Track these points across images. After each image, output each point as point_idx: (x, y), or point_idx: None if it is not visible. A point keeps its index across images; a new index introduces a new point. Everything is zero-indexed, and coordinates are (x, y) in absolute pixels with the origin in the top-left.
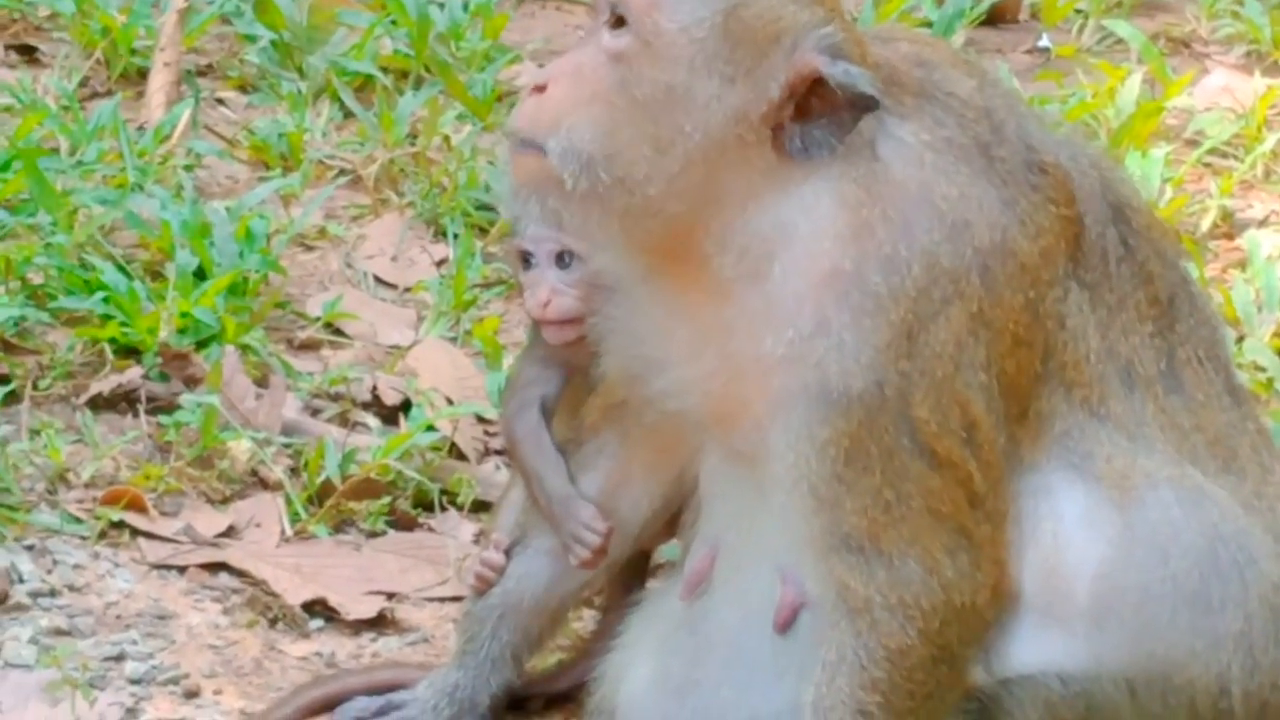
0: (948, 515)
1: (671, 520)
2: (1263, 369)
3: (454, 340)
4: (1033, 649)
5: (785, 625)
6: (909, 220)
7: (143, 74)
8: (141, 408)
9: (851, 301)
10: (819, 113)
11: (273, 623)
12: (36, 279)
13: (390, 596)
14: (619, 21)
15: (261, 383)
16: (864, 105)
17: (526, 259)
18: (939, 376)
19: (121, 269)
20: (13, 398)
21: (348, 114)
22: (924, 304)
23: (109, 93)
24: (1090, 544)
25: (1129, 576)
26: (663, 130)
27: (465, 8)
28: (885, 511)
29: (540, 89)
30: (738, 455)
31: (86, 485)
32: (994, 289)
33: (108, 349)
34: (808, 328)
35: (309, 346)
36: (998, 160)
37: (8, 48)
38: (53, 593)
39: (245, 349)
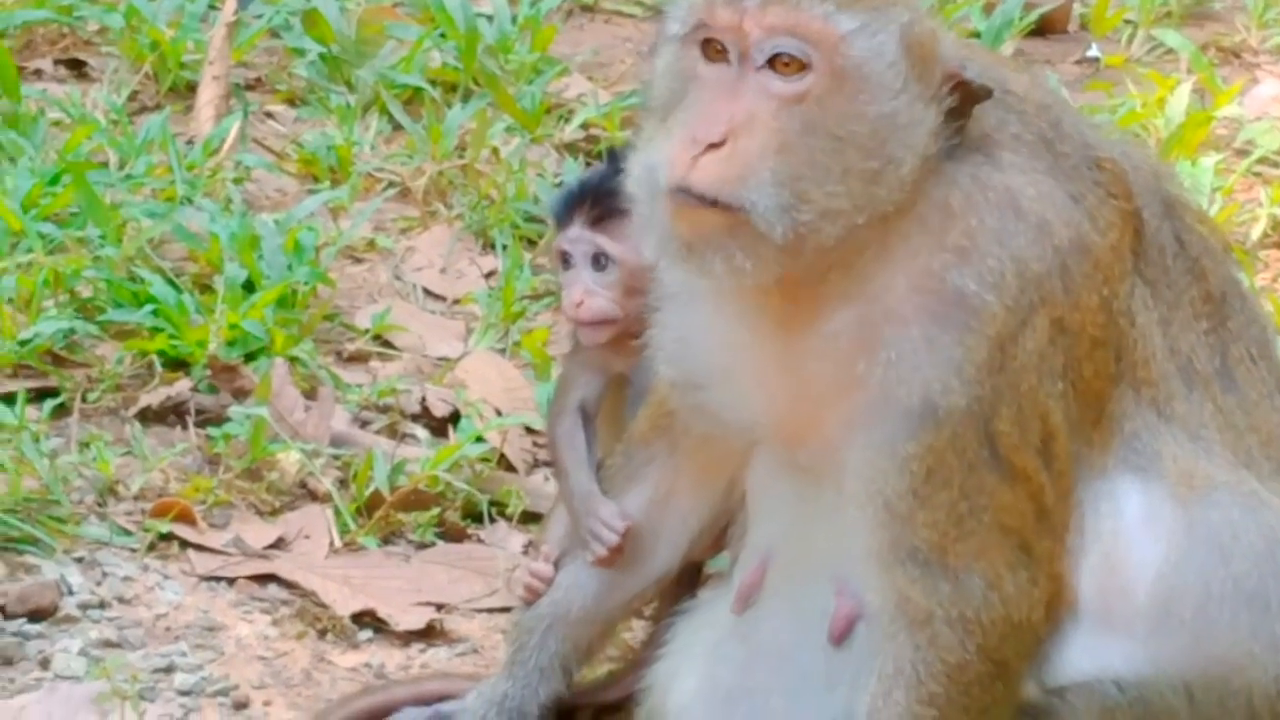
0: (1014, 530)
1: (721, 533)
2: None
3: (503, 352)
4: (1090, 655)
5: (841, 637)
6: (1002, 226)
7: (192, 88)
8: (190, 420)
9: (955, 319)
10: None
11: (322, 634)
12: (86, 292)
13: (439, 607)
14: (791, 64)
15: (310, 395)
16: (979, 100)
17: (565, 259)
18: (1023, 389)
19: (170, 282)
20: (62, 410)
21: (396, 126)
22: (1016, 314)
23: (158, 106)
24: (1152, 544)
25: (1190, 577)
26: (873, 161)
27: (514, 20)
28: (957, 525)
29: (716, 145)
30: (796, 468)
31: (136, 497)
32: (1072, 290)
33: (157, 361)
34: (908, 345)
35: (358, 358)
36: (1061, 156)
37: (57, 62)
38: (102, 605)
39: (294, 361)
